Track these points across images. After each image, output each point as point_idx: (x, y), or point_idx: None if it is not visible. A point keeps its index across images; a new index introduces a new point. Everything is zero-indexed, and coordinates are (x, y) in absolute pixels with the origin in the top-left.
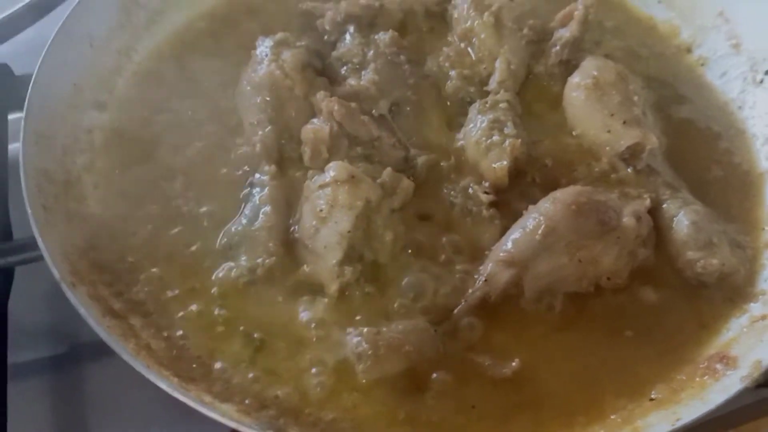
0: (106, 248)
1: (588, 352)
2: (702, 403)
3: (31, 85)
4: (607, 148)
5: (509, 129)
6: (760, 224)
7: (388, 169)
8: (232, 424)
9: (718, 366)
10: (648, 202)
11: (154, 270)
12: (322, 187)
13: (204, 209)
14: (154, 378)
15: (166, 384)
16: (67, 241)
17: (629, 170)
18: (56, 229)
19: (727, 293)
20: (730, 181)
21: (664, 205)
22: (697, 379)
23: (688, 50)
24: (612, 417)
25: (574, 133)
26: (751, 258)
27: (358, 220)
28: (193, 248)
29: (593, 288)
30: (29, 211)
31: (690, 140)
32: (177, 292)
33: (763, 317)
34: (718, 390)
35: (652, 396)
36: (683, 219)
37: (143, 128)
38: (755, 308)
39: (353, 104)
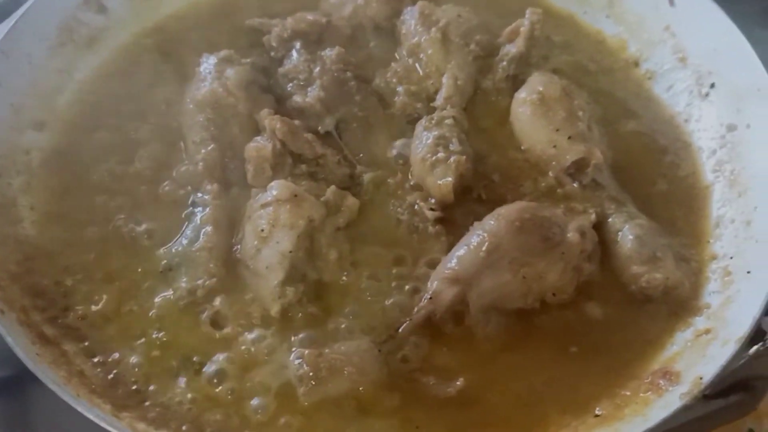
0: (42, 272)
1: (533, 371)
2: (643, 420)
3: None
4: (553, 163)
5: (454, 145)
6: (705, 237)
7: (332, 187)
8: None
9: (661, 382)
10: (593, 216)
11: (91, 294)
12: (264, 206)
13: (145, 229)
14: (83, 409)
15: (94, 414)
16: (3, 267)
17: (575, 185)
18: None
19: (672, 307)
20: (676, 195)
21: (609, 220)
22: (641, 394)
23: (636, 64)
24: None
25: (522, 148)
26: (696, 271)
27: (300, 239)
28: (132, 270)
29: (539, 304)
30: None
31: (636, 154)
32: (114, 316)
33: (707, 331)
34: (660, 406)
35: (597, 412)
36: (627, 233)
37: (83, 148)
38: (699, 322)
39: (297, 122)
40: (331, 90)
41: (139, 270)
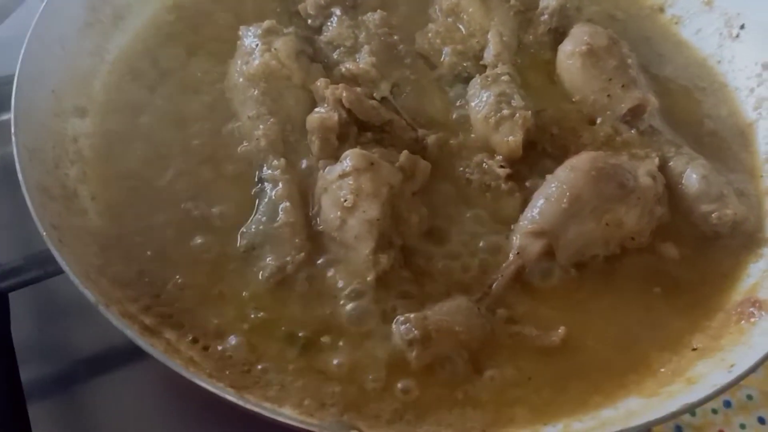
0: (121, 262)
1: (624, 314)
2: (747, 348)
3: (13, 97)
4: (608, 112)
5: (517, 101)
6: (757, 172)
7: (406, 152)
8: (303, 426)
9: (753, 310)
10: (657, 160)
11: (176, 280)
12: (342, 176)
13: (216, 210)
14: (220, 391)
15: (234, 396)
16: (83, 260)
17: (632, 132)
18: (69, 248)
19: (742, 241)
20: (723, 134)
21: (671, 163)
22: (733, 325)
23: (661, 10)
24: (661, 371)
25: (573, 99)
26: (755, 205)
27: (385, 206)
28: (212, 252)
29: (619, 249)
30: (43, 233)
31: (678, 97)
32: (205, 300)
33: None
34: (759, 333)
35: (694, 346)
36: (692, 174)
37: (130, 131)
38: None
39: (359, 89)
40: (381, 55)
41: (219, 252)
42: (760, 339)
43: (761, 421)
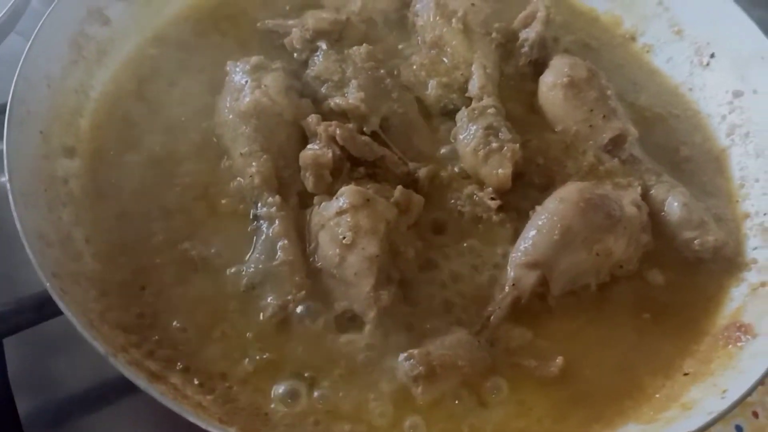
0: (120, 307)
1: (617, 340)
2: (738, 373)
3: (5, 141)
4: (590, 141)
5: (504, 134)
6: (733, 197)
7: (400, 187)
8: None
9: (738, 334)
10: (639, 189)
11: (177, 322)
12: (339, 213)
13: (213, 250)
14: None
15: None
16: (84, 307)
17: (615, 161)
18: (71, 296)
19: (723, 265)
20: (698, 160)
21: (652, 191)
22: (721, 349)
23: (633, 38)
24: (656, 396)
25: (556, 129)
26: (734, 230)
27: (383, 242)
28: (212, 293)
29: (609, 278)
30: (46, 284)
31: (654, 125)
32: (208, 342)
33: (763, 284)
34: (748, 357)
35: (686, 371)
36: (673, 202)
37: (119, 171)
38: (751, 276)
39: (351, 125)
40: (369, 89)
41: (219, 292)
42: (749, 363)
43: None
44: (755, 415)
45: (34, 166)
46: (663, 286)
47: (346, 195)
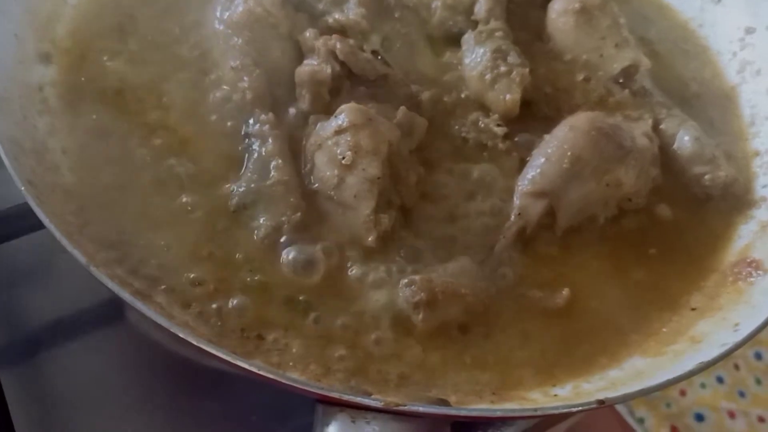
0: (101, 223)
1: (623, 275)
2: (751, 308)
3: None
4: (600, 72)
5: (513, 58)
6: (743, 135)
7: (403, 108)
8: (313, 390)
9: (749, 270)
10: (650, 122)
11: (161, 240)
12: (338, 132)
13: (201, 167)
14: (223, 354)
15: (246, 363)
16: (62, 220)
17: (625, 92)
18: (48, 206)
19: (731, 203)
20: (708, 97)
21: (662, 125)
22: (729, 285)
23: None
24: (663, 330)
25: (565, 59)
26: (743, 167)
27: (384, 164)
28: (199, 212)
29: (617, 211)
30: (22, 188)
31: (663, 60)
32: (195, 262)
33: None
34: (761, 292)
35: (693, 306)
36: (684, 136)
37: (99, 82)
38: (760, 214)
39: (351, 41)
40: (370, 6)
41: (208, 211)
42: (761, 298)
43: None
44: (736, 367)
45: (8, 70)
46: (670, 221)
47: (346, 113)
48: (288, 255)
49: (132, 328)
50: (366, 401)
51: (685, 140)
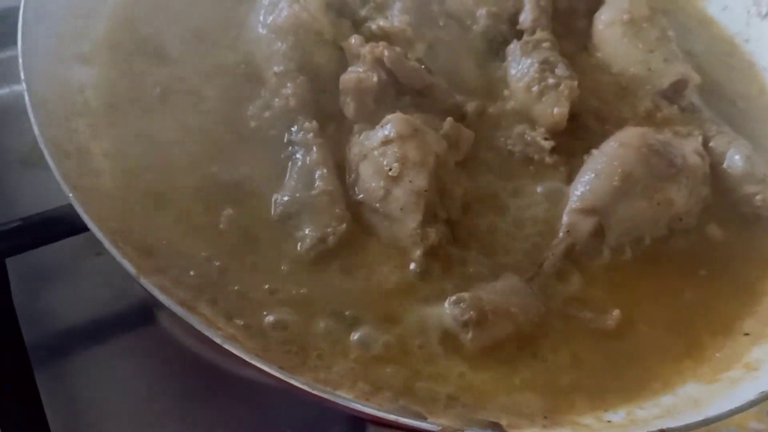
0: (144, 230)
1: (672, 297)
2: None
3: (19, 39)
4: (648, 86)
5: (561, 70)
6: None
7: (450, 119)
8: (367, 410)
9: None
10: (700, 139)
11: (205, 250)
12: (385, 143)
13: (244, 175)
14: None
15: (298, 381)
16: (105, 226)
17: (674, 108)
18: (93, 212)
19: None
20: (755, 114)
21: (712, 143)
22: None
23: None
24: (717, 356)
25: (612, 71)
26: None
27: (431, 176)
28: (243, 221)
29: (667, 230)
30: (69, 194)
31: (709, 75)
32: (239, 272)
33: None
34: None
35: (746, 331)
36: (735, 154)
37: (138, 84)
38: None
39: (398, 48)
40: (415, 13)
41: (251, 220)
42: None
43: None
44: None
45: (50, 71)
46: (721, 242)
47: (393, 123)
48: (334, 267)
49: (164, 332)
50: (422, 425)
51: (735, 159)
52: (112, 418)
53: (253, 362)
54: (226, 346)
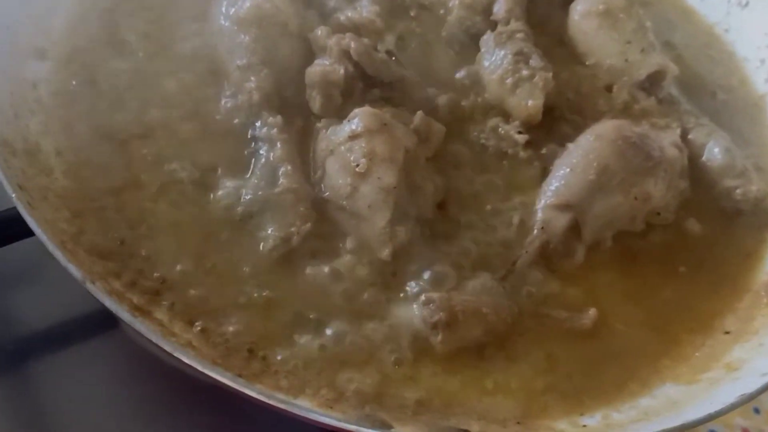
0: (97, 231)
1: (649, 294)
2: None
3: None
4: (625, 78)
5: (535, 61)
6: None
7: (420, 113)
8: (326, 420)
9: None
10: (679, 131)
11: (162, 251)
12: (352, 138)
13: (204, 173)
14: (229, 381)
15: (254, 391)
16: (54, 227)
17: (651, 100)
18: (40, 212)
19: (763, 218)
20: (735, 105)
21: (690, 135)
22: (764, 306)
23: None
24: (696, 355)
25: (587, 63)
26: None
27: (401, 172)
28: (202, 220)
29: (644, 225)
30: (12, 194)
31: (689, 66)
32: (198, 274)
33: None
34: None
35: (726, 329)
36: (714, 147)
37: (96, 78)
38: None
39: (366, 40)
40: (385, 3)
41: (210, 220)
42: None
43: None
44: None
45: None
46: (700, 237)
47: (360, 117)
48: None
49: (127, 337)
50: None
51: (715, 151)
52: (73, 426)
53: (209, 373)
54: (177, 355)
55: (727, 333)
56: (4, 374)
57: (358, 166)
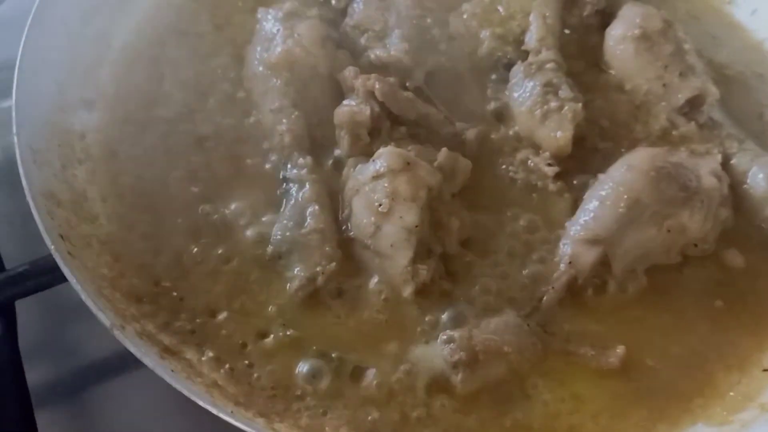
0: (135, 274)
1: (684, 330)
2: None
3: (14, 90)
4: (663, 103)
5: (565, 92)
6: None
7: (445, 150)
8: None
9: None
10: (719, 157)
11: (195, 292)
12: (376, 178)
13: (237, 215)
14: (244, 425)
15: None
16: (95, 273)
17: (691, 125)
18: (80, 260)
19: None
20: None
21: (733, 160)
22: None
23: None
24: (730, 394)
25: (623, 88)
26: None
27: (423, 211)
28: (234, 262)
29: (681, 258)
30: (51, 247)
31: (735, 85)
32: (227, 314)
33: None
34: None
35: (765, 366)
36: (758, 173)
37: (141, 126)
38: None
39: (392, 79)
40: (414, 40)
41: (241, 260)
42: None
43: None
44: None
45: (48, 120)
46: (741, 269)
47: (384, 157)
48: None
49: None
50: None
51: (759, 178)
52: None
53: (224, 417)
54: (194, 399)
55: (766, 371)
56: (63, 403)
57: (380, 205)
